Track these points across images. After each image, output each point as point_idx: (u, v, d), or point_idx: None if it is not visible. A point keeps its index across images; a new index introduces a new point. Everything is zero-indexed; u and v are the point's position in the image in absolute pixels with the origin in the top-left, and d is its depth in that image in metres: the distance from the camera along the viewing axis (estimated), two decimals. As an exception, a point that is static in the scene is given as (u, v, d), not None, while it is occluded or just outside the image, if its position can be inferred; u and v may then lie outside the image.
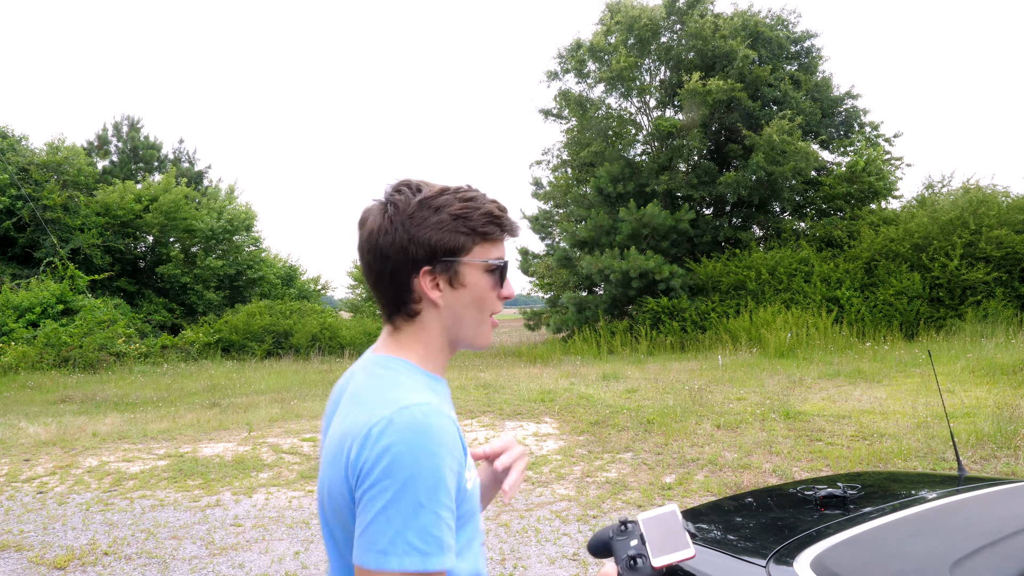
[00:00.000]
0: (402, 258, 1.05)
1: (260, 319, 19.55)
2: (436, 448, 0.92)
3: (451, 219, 1.05)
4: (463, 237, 1.06)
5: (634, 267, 16.89)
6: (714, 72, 18.90)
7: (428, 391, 1.03)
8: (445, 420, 0.97)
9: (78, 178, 22.71)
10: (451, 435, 0.96)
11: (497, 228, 1.08)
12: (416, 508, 0.89)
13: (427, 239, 1.05)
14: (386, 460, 0.91)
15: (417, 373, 1.07)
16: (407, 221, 1.05)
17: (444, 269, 1.06)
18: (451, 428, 0.97)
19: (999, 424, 6.25)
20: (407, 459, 0.90)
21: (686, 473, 5.63)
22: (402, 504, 0.89)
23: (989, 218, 15.21)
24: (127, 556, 4.30)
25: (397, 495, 0.89)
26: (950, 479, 2.13)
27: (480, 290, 1.09)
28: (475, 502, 1.05)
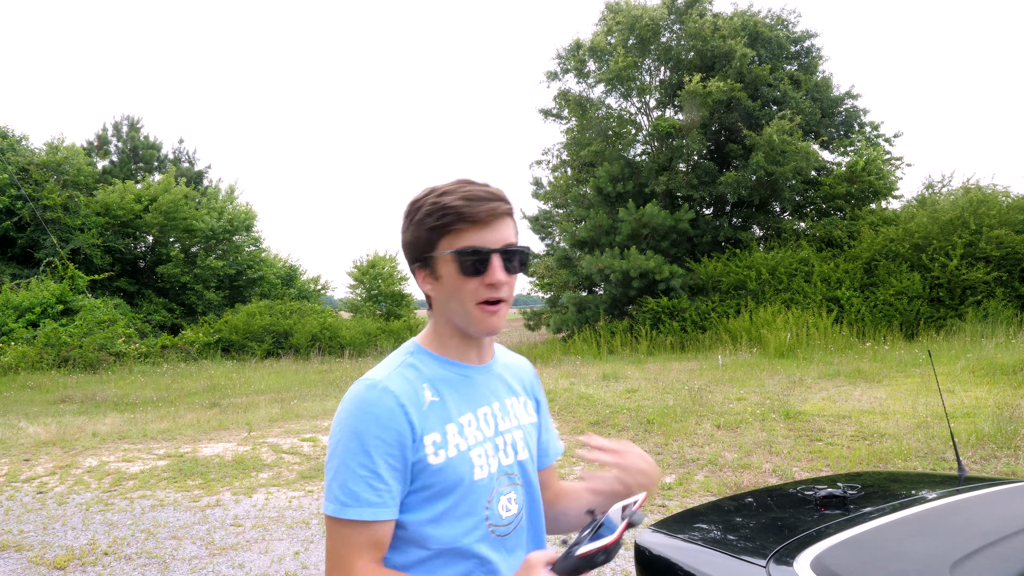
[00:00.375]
0: (406, 258, 1.22)
1: (260, 319, 19.54)
2: (361, 416, 1.09)
3: (422, 218, 1.15)
4: (428, 232, 1.15)
5: (634, 267, 16.89)
6: (714, 72, 18.90)
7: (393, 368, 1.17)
8: (382, 394, 1.11)
9: (78, 178, 22.71)
10: (381, 408, 1.10)
11: (456, 218, 1.12)
12: (340, 465, 1.09)
13: (409, 239, 1.19)
14: (335, 422, 1.13)
15: (414, 355, 1.21)
16: (403, 224, 1.21)
17: (425, 265, 1.18)
18: (386, 401, 1.10)
19: (999, 424, 6.25)
20: (343, 423, 1.11)
21: (686, 473, 5.63)
22: (332, 460, 1.11)
23: (989, 218, 15.20)
24: (127, 556, 4.30)
25: (331, 452, 1.12)
26: (950, 479, 2.13)
27: (453, 280, 1.15)
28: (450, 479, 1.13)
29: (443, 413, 1.16)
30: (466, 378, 1.22)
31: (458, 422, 1.17)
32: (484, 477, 1.18)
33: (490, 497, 1.19)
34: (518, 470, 1.26)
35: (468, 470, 1.15)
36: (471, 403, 1.21)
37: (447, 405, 1.17)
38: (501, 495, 1.21)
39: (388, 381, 1.13)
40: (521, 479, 1.26)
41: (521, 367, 1.40)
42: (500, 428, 1.24)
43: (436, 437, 1.13)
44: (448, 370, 1.20)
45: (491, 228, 1.14)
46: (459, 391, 1.20)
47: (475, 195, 1.13)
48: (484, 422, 1.22)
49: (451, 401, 1.18)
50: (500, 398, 1.28)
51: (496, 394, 1.27)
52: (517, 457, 1.26)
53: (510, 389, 1.32)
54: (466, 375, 1.22)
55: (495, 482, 1.20)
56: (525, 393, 1.37)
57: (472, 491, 1.16)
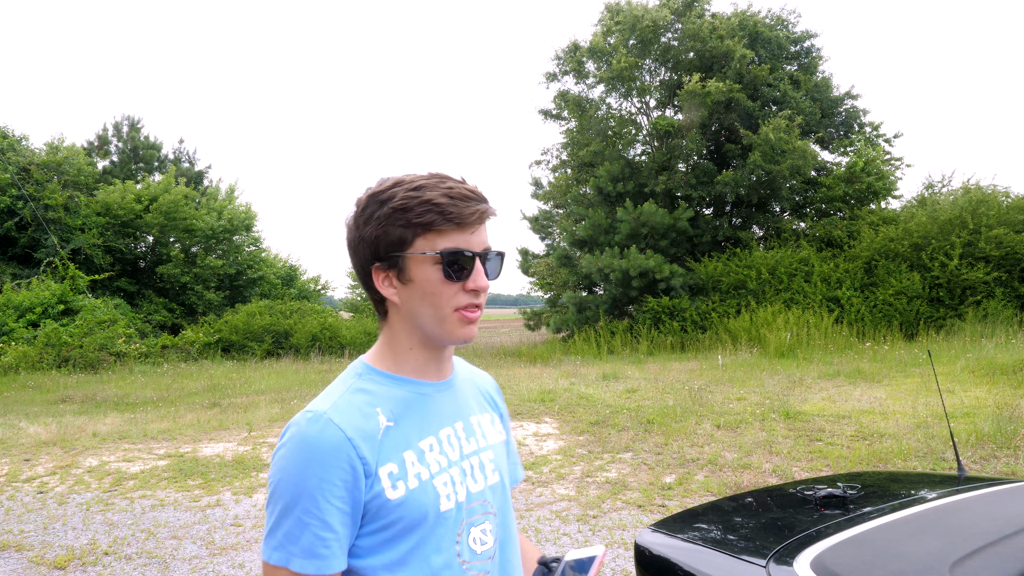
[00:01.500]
0: (358, 257, 1.07)
1: (260, 319, 19.54)
2: (304, 454, 0.95)
3: (391, 212, 1.02)
4: (401, 230, 1.02)
5: (634, 266, 16.89)
6: (713, 72, 18.90)
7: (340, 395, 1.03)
8: (325, 428, 0.97)
9: (78, 178, 22.72)
10: (325, 444, 0.96)
11: (439, 217, 1.01)
12: (283, 509, 0.95)
13: (371, 235, 1.04)
14: (274, 461, 0.99)
15: (364, 377, 1.07)
16: (359, 218, 1.06)
17: (391, 265, 1.04)
18: (330, 436, 0.96)
19: (999, 424, 6.25)
20: (284, 464, 0.97)
21: (686, 473, 5.63)
22: (275, 504, 0.97)
23: (989, 218, 15.21)
24: (127, 556, 4.30)
25: (274, 495, 0.97)
26: (950, 479, 2.13)
27: (429, 284, 1.03)
28: (414, 515, 1.00)
29: (400, 439, 1.03)
30: (425, 397, 1.09)
31: (417, 448, 1.04)
32: (452, 507, 1.04)
33: (460, 530, 1.05)
34: (490, 496, 1.13)
35: (433, 501, 1.02)
36: (432, 425, 1.08)
37: (404, 430, 1.04)
38: (472, 526, 1.07)
39: (333, 412, 0.99)
40: (495, 506, 1.13)
41: (484, 380, 1.29)
42: (466, 451, 1.11)
43: (393, 468, 1.00)
44: (404, 390, 1.07)
45: (475, 231, 1.04)
46: (418, 412, 1.07)
47: (460, 194, 1.02)
48: (448, 445, 1.09)
49: (409, 425, 1.05)
50: (464, 416, 1.15)
51: (460, 412, 1.14)
52: (488, 482, 1.13)
53: (475, 405, 1.20)
54: (425, 393, 1.09)
55: (464, 512, 1.07)
56: (491, 408, 1.25)
57: (439, 525, 1.02)
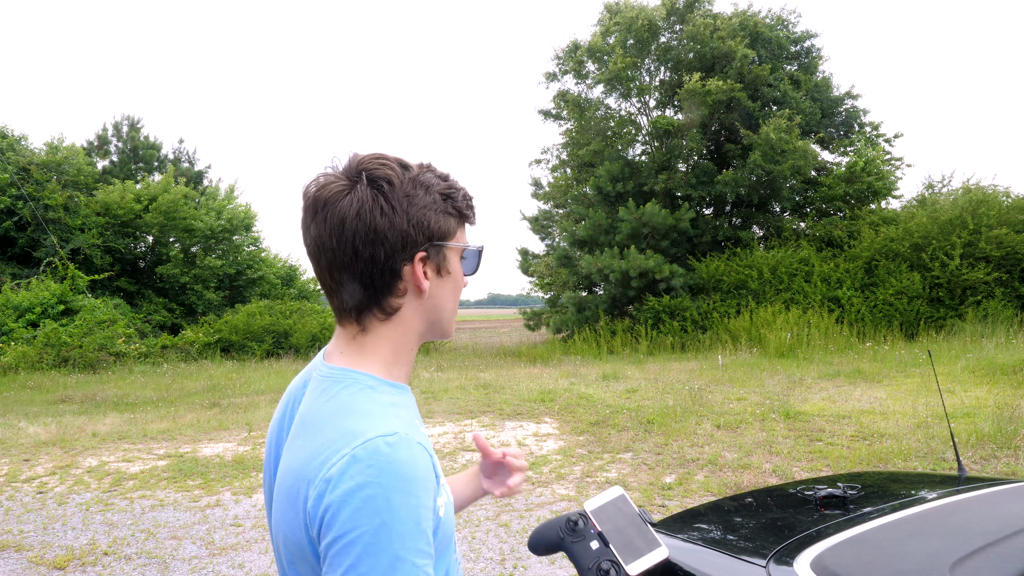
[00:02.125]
0: (400, 242, 0.90)
1: (260, 319, 19.55)
2: (410, 487, 0.78)
3: (440, 199, 0.93)
4: (452, 220, 0.95)
5: (634, 266, 16.89)
6: (713, 72, 18.91)
7: (393, 414, 0.88)
8: (417, 450, 0.82)
9: (78, 178, 22.72)
10: (424, 467, 0.82)
11: (471, 211, 1.00)
12: (393, 561, 0.75)
13: (427, 221, 0.92)
14: (351, 507, 0.76)
15: (380, 389, 0.92)
16: (404, 200, 0.90)
17: (435, 255, 0.94)
18: (424, 458, 0.83)
19: (999, 424, 6.25)
20: (377, 504, 0.76)
21: (686, 473, 5.63)
22: (376, 558, 0.75)
23: (989, 218, 15.22)
24: (127, 556, 4.30)
25: (368, 548, 0.75)
26: (950, 479, 2.13)
27: (459, 278, 1.00)
28: (450, 527, 0.91)
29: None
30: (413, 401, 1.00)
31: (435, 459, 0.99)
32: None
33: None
34: None
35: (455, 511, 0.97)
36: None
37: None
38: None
39: (411, 432, 0.85)
40: None
41: None
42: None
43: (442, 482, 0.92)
44: (407, 396, 0.98)
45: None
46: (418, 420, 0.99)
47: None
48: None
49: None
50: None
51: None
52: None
53: None
54: (412, 398, 1.01)
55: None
56: None
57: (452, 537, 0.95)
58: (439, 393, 10.27)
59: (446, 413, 8.65)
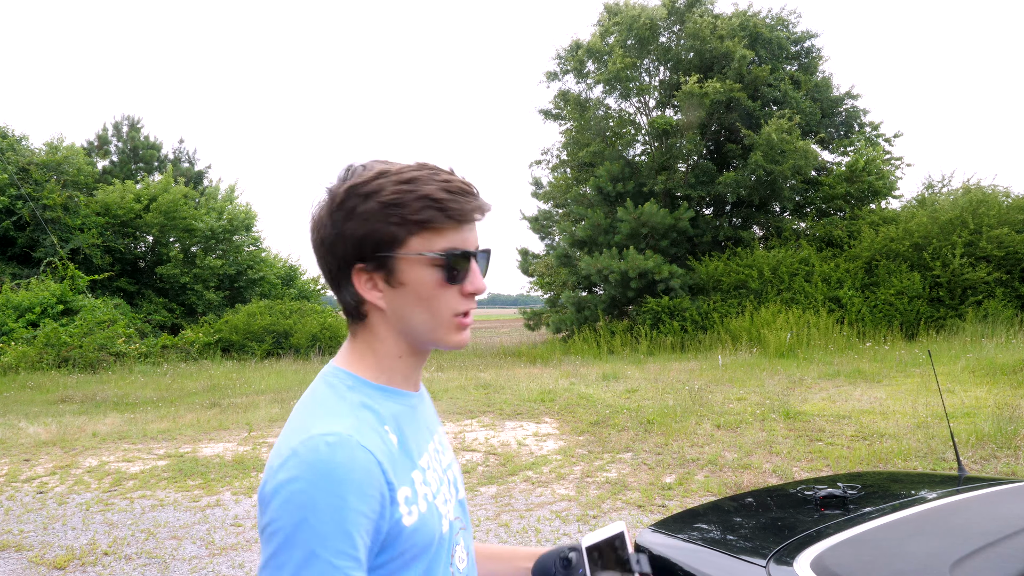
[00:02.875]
0: (333, 256, 0.93)
1: (260, 319, 19.55)
2: (339, 488, 0.80)
3: (379, 208, 0.89)
4: (394, 228, 0.90)
5: (633, 267, 16.89)
6: (713, 72, 18.91)
7: (353, 415, 0.89)
8: (358, 452, 0.83)
9: (78, 178, 22.73)
10: (362, 470, 0.82)
11: (438, 213, 0.90)
12: (308, 558, 0.78)
13: (352, 233, 0.91)
14: (280, 498, 0.80)
15: (356, 390, 0.94)
16: (336, 212, 0.92)
17: (378, 266, 0.92)
18: (365, 461, 0.83)
19: (999, 424, 6.25)
20: (301, 499, 0.79)
21: (686, 473, 5.63)
22: (293, 551, 0.78)
23: (989, 218, 15.22)
24: (127, 556, 4.30)
25: (288, 540, 0.78)
26: (950, 479, 2.13)
27: (424, 288, 0.92)
28: (424, 540, 0.91)
29: (407, 459, 0.93)
30: (413, 410, 1.00)
31: (420, 466, 0.96)
32: (447, 528, 0.98)
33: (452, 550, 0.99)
34: (461, 511, 1.06)
35: (438, 523, 0.94)
36: (424, 440, 1.00)
37: (407, 448, 0.95)
38: (455, 544, 1.01)
39: (357, 433, 0.85)
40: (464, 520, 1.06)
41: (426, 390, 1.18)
42: (443, 465, 1.04)
43: (407, 491, 0.90)
44: (398, 403, 0.97)
45: (471, 229, 0.95)
46: (412, 428, 0.98)
47: (458, 188, 0.92)
48: (436, 461, 1.01)
49: (410, 442, 0.96)
50: (435, 428, 1.08)
51: (433, 424, 1.07)
52: (458, 496, 1.06)
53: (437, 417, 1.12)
54: (413, 406, 1.00)
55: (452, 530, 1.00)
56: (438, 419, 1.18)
57: (440, 547, 0.95)
58: (439, 393, 10.27)
59: (446, 413, 8.66)
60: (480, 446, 6.88)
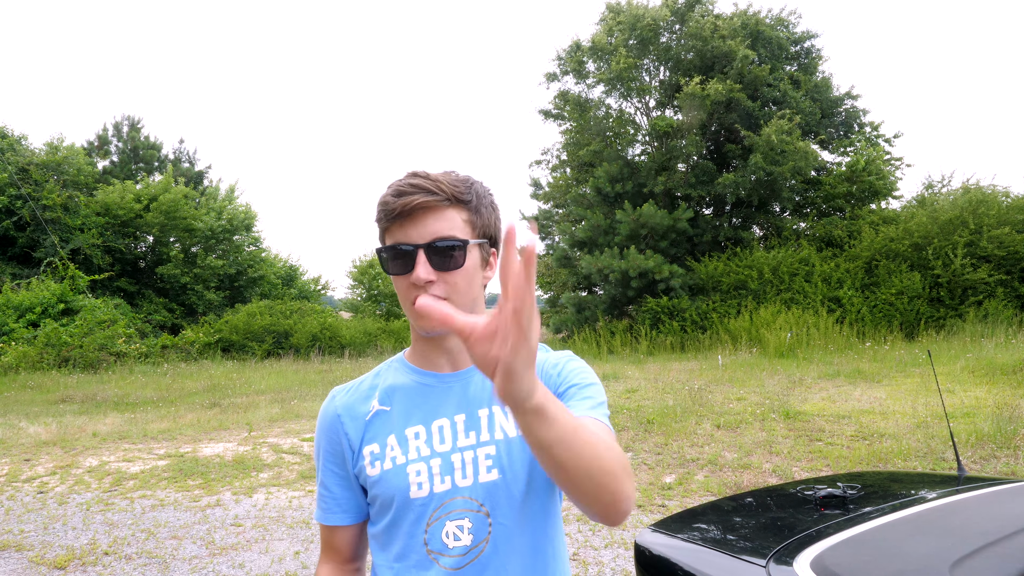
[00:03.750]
0: None
1: (260, 319, 19.55)
2: (318, 424, 1.19)
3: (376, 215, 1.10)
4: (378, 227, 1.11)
5: (633, 267, 16.89)
6: (713, 72, 18.90)
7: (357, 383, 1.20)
8: (328, 403, 1.18)
9: (78, 178, 22.72)
10: (326, 417, 1.17)
11: (380, 213, 1.07)
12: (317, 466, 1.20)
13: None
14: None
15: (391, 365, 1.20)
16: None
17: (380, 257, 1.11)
18: (328, 411, 1.17)
19: (999, 424, 6.25)
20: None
21: (686, 473, 5.63)
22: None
23: (989, 218, 15.22)
24: (127, 556, 4.30)
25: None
26: (950, 479, 2.13)
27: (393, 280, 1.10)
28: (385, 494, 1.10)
29: (388, 423, 1.12)
30: (427, 387, 1.13)
31: (403, 434, 1.11)
32: (423, 496, 1.07)
33: (430, 520, 1.07)
34: (483, 494, 1.08)
35: (403, 486, 1.08)
36: (426, 415, 1.11)
37: (395, 415, 1.12)
38: (447, 520, 1.07)
39: (339, 390, 1.19)
40: (488, 506, 1.08)
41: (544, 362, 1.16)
42: (460, 444, 1.09)
43: (375, 448, 1.11)
44: (410, 379, 1.15)
45: (416, 222, 1.04)
46: (413, 401, 1.13)
47: (400, 189, 1.04)
48: (438, 437, 1.10)
49: (401, 411, 1.12)
50: (471, 408, 1.11)
51: (466, 404, 1.12)
52: (479, 479, 1.08)
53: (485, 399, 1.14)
54: (427, 384, 1.14)
55: (436, 502, 1.07)
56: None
57: (408, 510, 1.08)
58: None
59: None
60: (480, 446, 6.87)
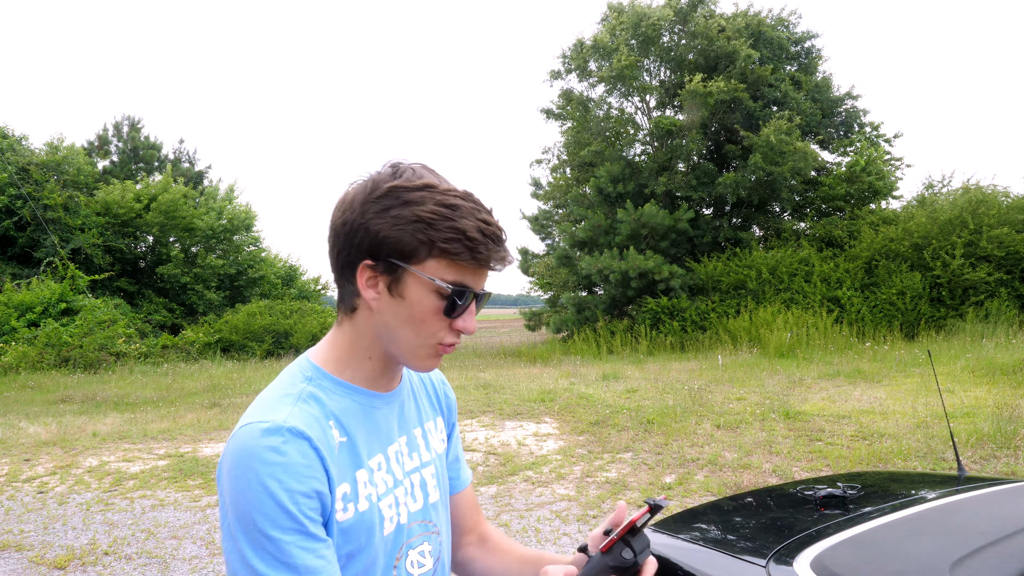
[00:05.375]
0: (349, 242, 0.93)
1: (260, 319, 19.56)
2: (265, 469, 0.85)
3: (413, 219, 0.90)
4: (418, 243, 0.90)
5: (633, 267, 16.89)
6: (715, 72, 18.91)
7: (295, 405, 0.92)
8: (290, 439, 0.87)
9: (78, 178, 22.74)
10: (292, 453, 0.86)
11: (465, 250, 0.90)
12: (256, 534, 0.85)
13: (378, 230, 0.91)
14: (226, 479, 0.88)
15: (313, 381, 0.97)
16: (371, 203, 0.92)
17: (387, 270, 0.92)
18: (293, 446, 0.87)
19: (999, 424, 6.25)
20: (240, 483, 0.85)
21: (686, 473, 5.63)
22: (243, 529, 0.85)
23: (988, 218, 15.22)
24: (127, 556, 4.30)
25: (238, 519, 0.86)
26: (950, 479, 2.13)
27: (421, 310, 0.93)
28: (358, 538, 0.94)
29: (353, 457, 0.95)
30: (374, 410, 1.01)
31: (368, 466, 0.97)
32: (393, 530, 0.99)
33: (399, 554, 1.00)
34: (432, 514, 1.06)
35: (378, 524, 0.96)
36: (381, 441, 1.01)
37: (356, 447, 0.96)
38: (411, 548, 1.02)
39: (293, 420, 0.89)
40: (437, 525, 1.07)
41: (435, 381, 1.20)
42: (407, 468, 1.04)
43: (346, 488, 0.93)
44: (354, 400, 0.98)
45: (485, 273, 0.96)
46: (367, 427, 0.99)
47: (494, 234, 0.92)
48: (395, 463, 1.02)
49: (360, 441, 0.97)
50: (409, 429, 1.07)
51: (404, 425, 1.07)
52: (429, 500, 1.06)
53: (422, 413, 1.12)
54: (374, 406, 1.01)
55: (404, 534, 1.01)
56: (436, 410, 1.17)
57: (379, 550, 0.97)
58: (439, 393, 10.26)
59: (446, 413, 8.66)
60: (480, 446, 6.88)
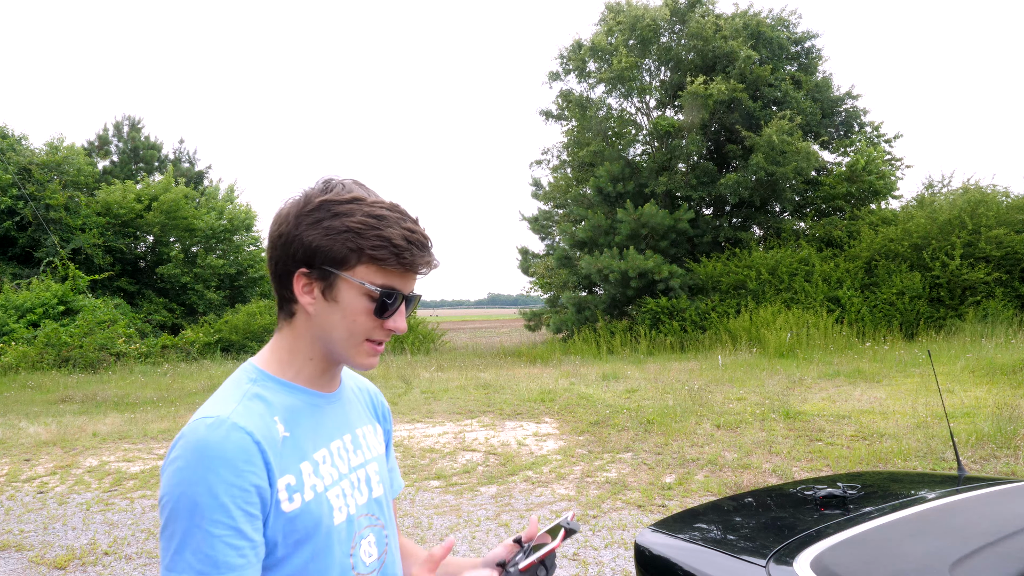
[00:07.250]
0: (285, 253, 1.02)
1: (260, 319, 19.58)
2: (209, 462, 0.90)
3: (344, 229, 0.99)
4: (348, 251, 0.99)
5: (633, 267, 16.89)
6: (715, 72, 18.91)
7: (239, 402, 0.99)
8: (232, 432, 0.93)
9: (78, 178, 22.75)
10: (236, 448, 0.92)
11: (392, 256, 1.00)
12: (188, 528, 0.89)
13: (311, 240, 1.00)
14: (167, 475, 0.92)
15: (257, 383, 1.04)
16: (303, 217, 1.01)
17: (321, 277, 1.01)
18: (238, 440, 0.92)
19: (999, 424, 6.25)
20: (182, 476, 0.90)
21: (686, 473, 5.63)
22: (179, 522, 0.89)
23: (988, 218, 15.22)
24: (127, 556, 4.30)
25: (174, 513, 0.90)
26: (950, 479, 2.13)
27: (352, 312, 1.02)
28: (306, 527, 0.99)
29: (296, 450, 1.01)
30: (317, 408, 1.08)
31: (312, 459, 1.03)
32: (343, 520, 1.05)
33: (353, 543, 1.07)
34: (376, 508, 1.14)
35: (327, 514, 1.02)
36: (324, 437, 1.08)
37: (299, 440, 1.03)
38: (362, 539, 1.09)
39: (236, 416, 0.96)
40: (381, 518, 1.15)
41: (370, 390, 1.29)
42: (353, 463, 1.11)
43: (290, 479, 0.98)
44: (297, 399, 1.06)
45: (413, 277, 1.05)
46: (311, 423, 1.06)
47: (419, 240, 1.02)
48: (339, 457, 1.09)
49: (304, 435, 1.04)
50: (351, 428, 1.15)
51: (347, 424, 1.14)
52: (373, 494, 1.14)
53: (362, 416, 1.20)
54: (317, 404, 1.08)
55: (355, 525, 1.08)
56: (373, 419, 1.25)
57: (332, 538, 1.03)
58: (439, 393, 10.27)
59: (446, 413, 8.66)
60: (480, 446, 6.88)
